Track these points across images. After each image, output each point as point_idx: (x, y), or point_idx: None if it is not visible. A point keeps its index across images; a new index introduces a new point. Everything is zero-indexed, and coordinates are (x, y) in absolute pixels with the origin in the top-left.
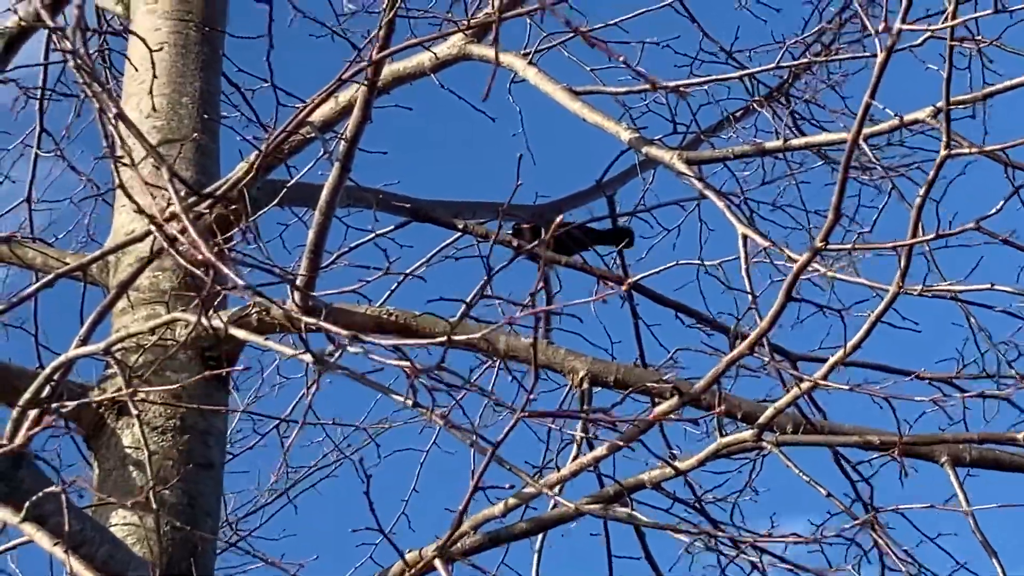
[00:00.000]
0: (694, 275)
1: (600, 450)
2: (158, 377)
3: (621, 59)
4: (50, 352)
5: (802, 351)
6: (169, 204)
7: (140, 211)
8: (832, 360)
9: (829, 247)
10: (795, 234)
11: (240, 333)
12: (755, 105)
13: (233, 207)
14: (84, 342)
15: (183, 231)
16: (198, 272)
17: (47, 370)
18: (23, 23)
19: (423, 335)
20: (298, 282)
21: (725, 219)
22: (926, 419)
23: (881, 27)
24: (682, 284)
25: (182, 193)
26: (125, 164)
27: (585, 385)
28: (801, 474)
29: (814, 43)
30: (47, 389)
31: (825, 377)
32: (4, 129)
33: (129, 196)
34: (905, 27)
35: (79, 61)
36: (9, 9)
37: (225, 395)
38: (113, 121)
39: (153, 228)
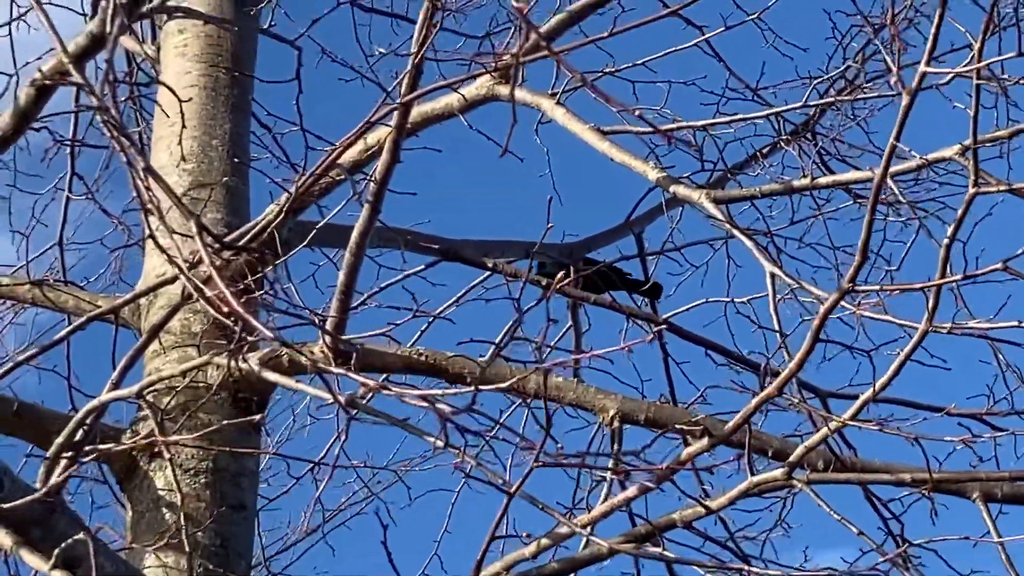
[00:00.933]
0: (723, 311)
1: (631, 491)
2: (190, 419)
3: (637, 112)
4: (83, 395)
5: (832, 387)
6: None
7: (171, 262)
8: (862, 399)
9: (857, 288)
10: (823, 271)
11: (271, 376)
12: (782, 143)
13: (264, 249)
14: (116, 386)
15: (209, 280)
16: (227, 321)
17: (80, 414)
18: (49, 79)
19: (454, 376)
20: (329, 323)
21: (753, 256)
22: (957, 455)
23: (894, 79)
24: (711, 320)
25: (210, 242)
26: (153, 215)
27: (616, 423)
28: (832, 512)
29: (839, 79)
30: (80, 433)
31: (855, 416)
32: (36, 172)
33: (159, 246)
34: (929, 70)
35: (107, 116)
36: (37, 63)
37: (257, 436)
38: (141, 174)
39: (182, 275)
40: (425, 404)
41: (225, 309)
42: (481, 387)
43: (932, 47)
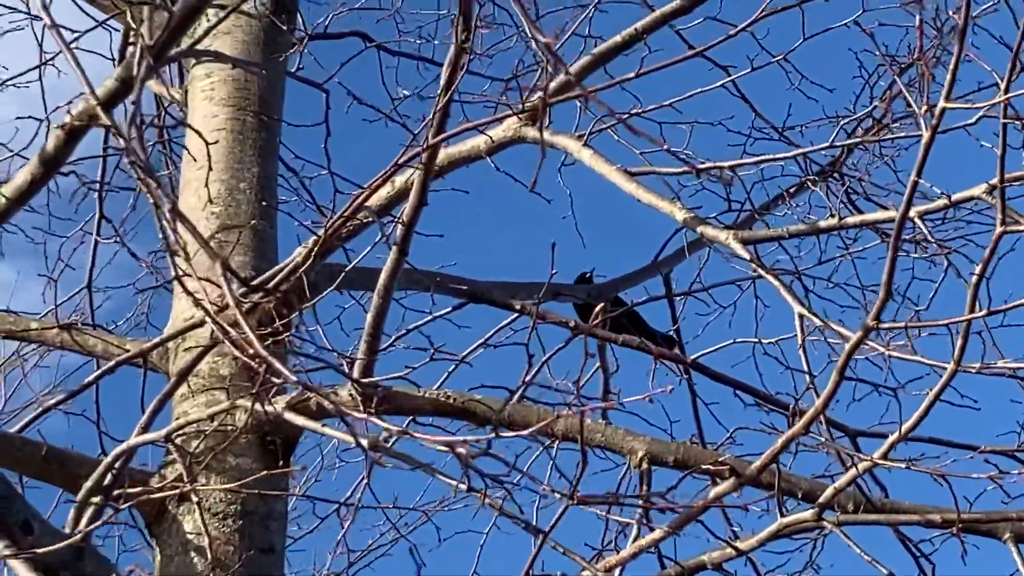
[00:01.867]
0: (751, 351)
1: (658, 532)
2: (218, 462)
3: (665, 146)
4: (111, 439)
5: (861, 425)
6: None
7: (198, 305)
8: (890, 440)
9: (882, 326)
10: (851, 311)
11: (298, 420)
12: (808, 183)
13: (290, 292)
14: (145, 430)
15: (236, 324)
16: (253, 364)
17: (108, 459)
18: (77, 123)
19: (481, 418)
20: (356, 367)
21: (779, 295)
22: (987, 495)
23: (924, 109)
24: (740, 360)
25: (236, 287)
26: (181, 258)
27: (644, 465)
28: (863, 553)
29: (865, 118)
30: (109, 477)
31: (884, 456)
32: (64, 216)
33: (186, 290)
34: (950, 106)
35: (134, 158)
36: (65, 107)
37: (285, 478)
38: (168, 216)
39: (209, 319)
40: (445, 448)
41: (251, 352)
42: (503, 433)
43: (950, 84)
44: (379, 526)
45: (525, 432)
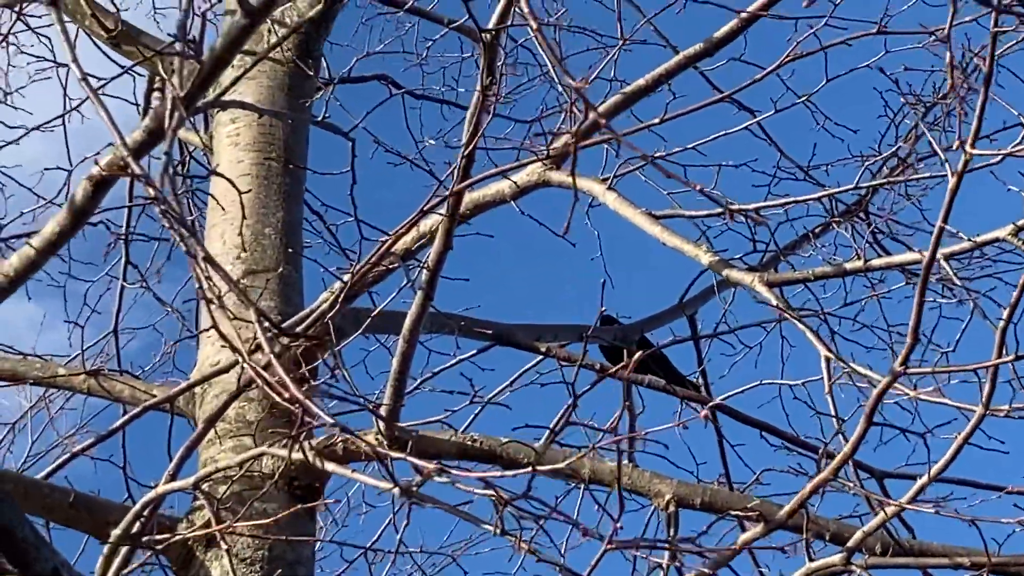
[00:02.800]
0: (777, 392)
1: None
2: (245, 507)
3: (698, 187)
4: (139, 485)
5: (889, 466)
6: (255, 337)
7: (233, 349)
8: (919, 484)
9: (910, 371)
10: (877, 352)
11: (328, 466)
12: (834, 224)
13: (318, 338)
14: (173, 477)
15: (268, 366)
16: (289, 406)
17: (136, 506)
18: (106, 173)
19: (509, 462)
20: (383, 411)
21: (805, 336)
22: (1016, 537)
23: (955, 145)
24: (766, 401)
25: (268, 331)
26: (215, 305)
27: (671, 508)
28: None
29: (891, 158)
30: (137, 525)
31: (912, 500)
32: (90, 260)
33: (222, 335)
34: (976, 152)
35: (166, 208)
36: (93, 157)
37: (312, 524)
38: (202, 265)
39: (243, 363)
40: (487, 492)
41: (286, 395)
42: (538, 469)
43: (976, 132)
44: (407, 568)
45: (560, 466)
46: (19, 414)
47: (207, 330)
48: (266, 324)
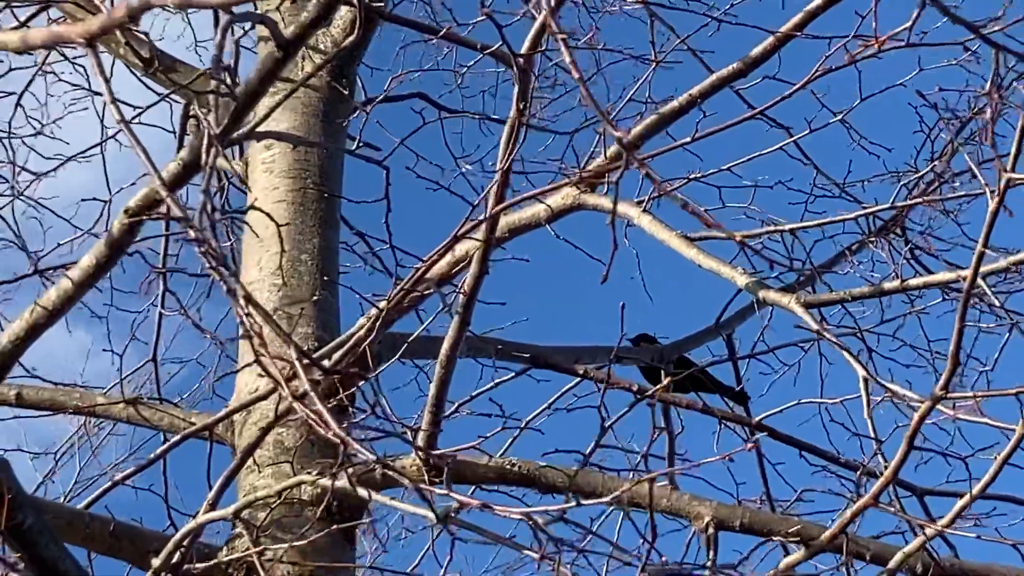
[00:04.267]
0: (817, 411)
1: None
2: (284, 534)
3: (710, 223)
4: (180, 514)
5: (930, 483)
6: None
7: (276, 383)
8: (959, 505)
9: (950, 395)
10: (916, 369)
11: (367, 495)
12: (869, 242)
13: (356, 368)
14: (212, 507)
15: (304, 397)
16: (330, 437)
17: (177, 536)
18: (143, 211)
19: (546, 486)
20: (421, 437)
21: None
22: None
23: (995, 166)
24: (805, 420)
25: (306, 363)
26: (257, 341)
27: (711, 530)
28: None
29: (927, 174)
30: (177, 555)
31: (952, 522)
32: (130, 289)
33: (267, 372)
34: (1015, 177)
35: (205, 248)
36: (129, 186)
37: (352, 549)
38: (242, 303)
39: (287, 397)
40: (522, 514)
41: (327, 431)
42: (578, 501)
43: (1015, 157)
44: None
45: (603, 500)
46: (62, 444)
47: (249, 364)
48: (304, 360)
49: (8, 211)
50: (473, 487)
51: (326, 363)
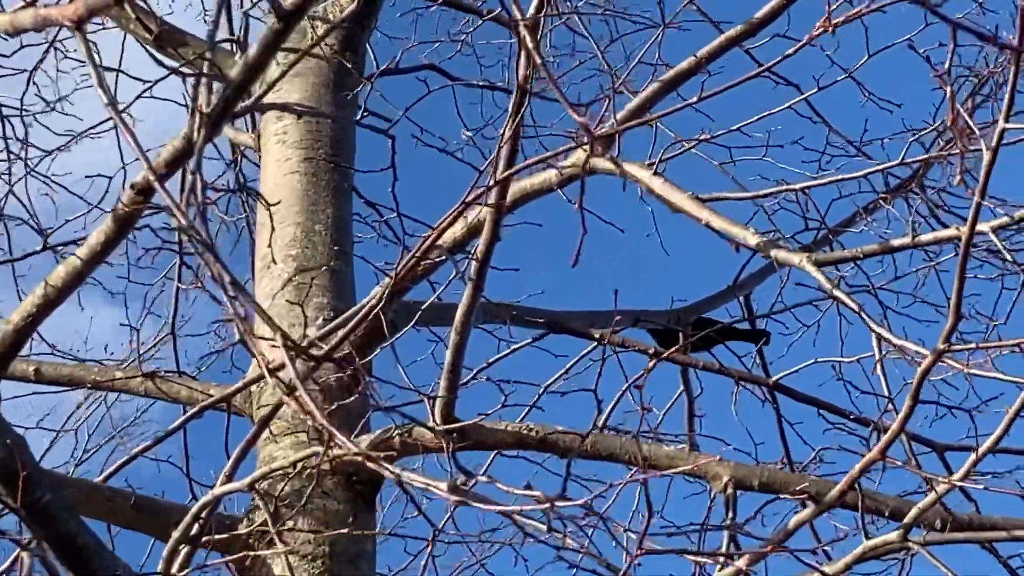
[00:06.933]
0: (833, 369)
1: (742, 561)
2: (305, 504)
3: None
4: (200, 485)
5: (950, 438)
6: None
7: (272, 376)
8: (970, 460)
9: (953, 348)
10: (932, 324)
11: (378, 468)
12: (882, 201)
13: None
14: (229, 478)
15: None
16: (331, 426)
17: (194, 508)
18: (141, 197)
19: (564, 449)
20: (438, 404)
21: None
22: None
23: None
24: (825, 380)
25: (303, 352)
26: (245, 326)
27: (730, 490)
28: (950, 572)
29: (944, 131)
30: (196, 527)
31: (965, 476)
32: (145, 264)
33: (251, 352)
34: (1010, 126)
35: (192, 234)
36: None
37: (372, 517)
38: (230, 289)
39: (275, 385)
40: (533, 494)
41: (315, 421)
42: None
43: (1008, 107)
44: (466, 560)
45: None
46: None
47: (243, 345)
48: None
49: (21, 189)
50: (492, 452)
51: (339, 334)
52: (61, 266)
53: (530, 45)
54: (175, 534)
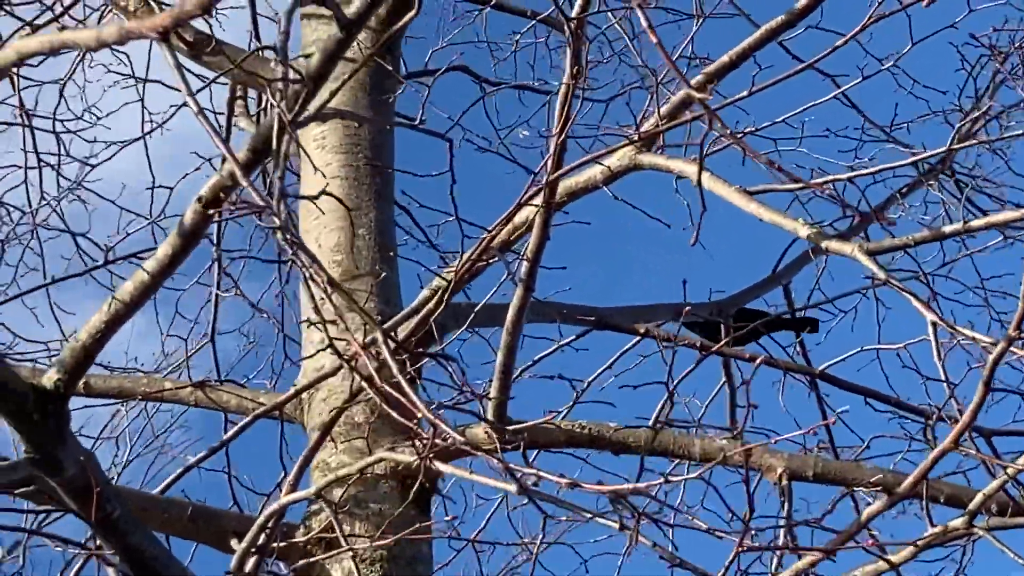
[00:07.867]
0: (876, 357)
1: (811, 557)
2: (361, 508)
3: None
4: (255, 493)
5: (996, 424)
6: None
7: (363, 378)
8: None
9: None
10: (977, 308)
11: (444, 468)
12: (920, 182)
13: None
14: (294, 488)
15: (381, 368)
16: (418, 416)
17: (261, 518)
18: (220, 200)
19: (617, 446)
20: (491, 406)
21: (902, 298)
22: None
23: None
24: (863, 366)
25: (390, 346)
26: (338, 325)
27: (784, 481)
28: (1017, 557)
29: (978, 115)
30: (262, 537)
31: None
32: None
33: (339, 355)
34: None
35: (287, 234)
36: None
37: (427, 519)
38: (324, 288)
39: (372, 392)
40: (601, 489)
41: (421, 416)
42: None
43: None
44: (518, 556)
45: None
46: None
47: (323, 350)
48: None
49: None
50: (536, 451)
51: (408, 325)
52: (129, 281)
53: (577, 46)
54: (243, 545)
